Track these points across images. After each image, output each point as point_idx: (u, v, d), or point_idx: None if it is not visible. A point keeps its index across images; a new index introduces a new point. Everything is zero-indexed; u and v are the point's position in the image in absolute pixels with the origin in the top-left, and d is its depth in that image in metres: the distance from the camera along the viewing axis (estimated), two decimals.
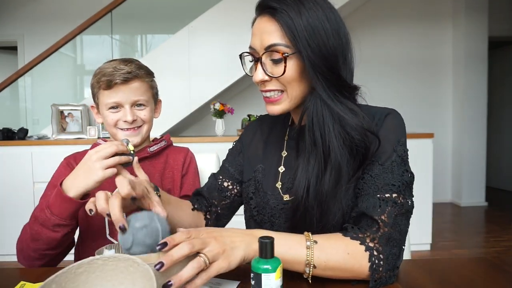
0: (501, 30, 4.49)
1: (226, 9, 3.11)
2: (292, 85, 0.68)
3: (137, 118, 0.93)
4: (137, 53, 4.55)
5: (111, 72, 0.89)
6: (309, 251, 0.61)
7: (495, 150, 5.21)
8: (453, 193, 4.45)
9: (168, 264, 0.51)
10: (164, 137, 1.05)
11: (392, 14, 4.36)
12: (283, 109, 0.71)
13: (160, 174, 0.98)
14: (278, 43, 0.65)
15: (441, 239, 3.05)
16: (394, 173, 0.67)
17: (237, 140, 0.93)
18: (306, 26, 0.63)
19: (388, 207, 0.65)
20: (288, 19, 0.63)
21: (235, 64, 3.10)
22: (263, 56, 0.68)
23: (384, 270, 0.62)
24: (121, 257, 0.52)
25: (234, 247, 0.57)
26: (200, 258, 0.54)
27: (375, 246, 0.63)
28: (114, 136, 0.95)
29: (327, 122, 0.67)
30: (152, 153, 0.98)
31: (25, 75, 3.15)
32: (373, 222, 0.65)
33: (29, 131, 2.88)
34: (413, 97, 4.39)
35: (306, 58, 0.64)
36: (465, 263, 0.76)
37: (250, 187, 0.83)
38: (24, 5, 4.30)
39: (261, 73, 0.69)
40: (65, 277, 0.51)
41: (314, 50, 0.64)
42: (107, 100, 0.91)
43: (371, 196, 0.66)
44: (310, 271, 0.61)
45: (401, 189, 0.66)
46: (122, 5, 3.12)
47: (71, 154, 0.98)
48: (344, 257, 0.62)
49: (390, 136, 0.69)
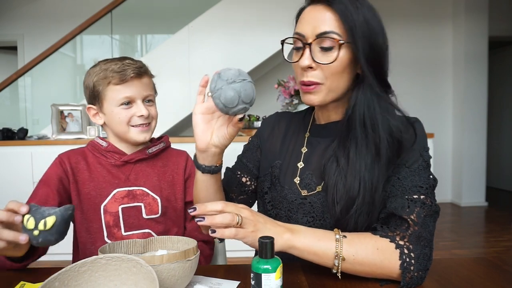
0: (501, 30, 4.49)
1: (226, 9, 3.11)
2: (335, 76, 0.69)
3: (149, 113, 0.91)
4: (137, 53, 4.55)
5: (122, 67, 0.87)
6: (338, 244, 0.62)
7: (495, 150, 5.21)
8: (453, 193, 4.45)
9: (200, 209, 0.58)
10: (163, 138, 1.02)
11: (392, 14, 4.36)
12: (319, 100, 0.71)
13: (158, 176, 0.96)
14: (332, 31, 0.66)
15: (441, 239, 3.06)
16: (421, 176, 0.68)
17: (254, 135, 0.92)
18: (362, 19, 0.66)
19: (417, 208, 0.65)
20: (345, 10, 0.65)
21: (235, 64, 3.10)
22: (313, 43, 0.68)
23: (416, 270, 0.62)
24: (124, 258, 0.53)
25: (265, 228, 0.61)
26: (235, 215, 0.58)
27: (405, 244, 0.63)
28: (124, 135, 0.91)
29: (378, 113, 0.69)
30: (150, 154, 0.96)
31: (25, 75, 3.15)
32: (403, 221, 0.65)
33: (29, 131, 2.88)
34: (413, 97, 4.39)
35: (361, 48, 0.66)
36: (465, 263, 0.76)
37: (265, 182, 0.83)
38: (24, 5, 4.30)
39: (307, 59, 0.68)
40: (68, 275, 0.51)
41: (369, 42, 0.66)
42: (119, 96, 0.88)
43: (399, 197, 0.67)
44: (339, 264, 0.62)
45: (428, 192, 0.67)
46: (122, 5, 3.12)
47: (65, 152, 0.94)
48: (373, 252, 0.62)
49: (417, 142, 0.71)
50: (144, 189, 0.92)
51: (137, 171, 0.94)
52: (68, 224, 0.63)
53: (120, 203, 0.90)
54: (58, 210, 0.62)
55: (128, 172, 0.93)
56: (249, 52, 3.07)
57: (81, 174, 0.91)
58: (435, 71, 4.46)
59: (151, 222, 0.92)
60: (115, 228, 0.89)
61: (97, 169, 0.92)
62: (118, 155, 0.92)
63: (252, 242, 0.60)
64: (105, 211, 0.89)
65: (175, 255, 0.58)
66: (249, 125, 3.15)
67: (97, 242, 0.89)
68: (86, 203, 0.89)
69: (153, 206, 0.92)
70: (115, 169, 0.92)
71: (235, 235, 0.58)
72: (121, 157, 0.92)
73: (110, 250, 0.64)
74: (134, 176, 0.93)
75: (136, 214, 0.91)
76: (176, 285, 0.59)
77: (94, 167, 0.92)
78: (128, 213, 0.90)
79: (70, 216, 0.63)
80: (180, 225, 0.96)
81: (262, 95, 4.13)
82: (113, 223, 0.89)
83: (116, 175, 0.92)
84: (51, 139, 2.77)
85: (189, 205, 0.97)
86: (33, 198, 0.85)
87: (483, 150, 4.29)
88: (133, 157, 0.93)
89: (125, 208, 0.90)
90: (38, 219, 0.60)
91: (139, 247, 0.70)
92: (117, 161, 0.92)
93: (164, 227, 0.93)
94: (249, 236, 0.59)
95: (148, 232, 0.91)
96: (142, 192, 0.92)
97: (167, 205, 0.94)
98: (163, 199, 0.93)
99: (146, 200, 0.92)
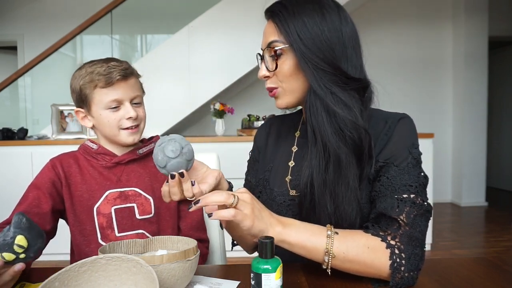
0: (501, 30, 4.49)
1: (226, 9, 3.12)
2: (288, 79, 0.72)
3: (137, 115, 0.91)
4: (137, 53, 4.56)
5: (107, 70, 0.86)
6: (329, 240, 0.62)
7: (495, 150, 5.21)
8: (453, 193, 4.45)
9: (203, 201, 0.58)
10: (154, 138, 1.02)
11: (392, 14, 4.36)
12: (285, 102, 0.75)
13: (150, 176, 0.95)
14: (274, 40, 0.71)
15: (441, 239, 3.06)
16: (411, 174, 0.68)
17: (252, 149, 0.94)
18: (298, 21, 0.68)
19: (406, 207, 0.65)
20: (281, 17, 0.70)
21: (235, 64, 3.10)
22: (265, 54, 0.73)
23: (407, 270, 0.62)
24: (124, 258, 0.53)
25: (260, 216, 0.61)
26: (231, 195, 0.58)
27: (397, 244, 0.63)
28: (114, 138, 0.91)
29: (320, 114, 0.69)
30: (141, 155, 0.95)
31: (25, 75, 3.15)
32: (393, 221, 0.65)
33: (29, 131, 2.88)
34: (413, 97, 4.39)
35: (297, 50, 0.68)
36: (465, 263, 0.76)
37: (259, 186, 0.85)
38: (24, 5, 4.30)
39: (262, 70, 0.74)
40: (68, 275, 0.51)
41: (306, 42, 0.67)
42: (106, 99, 0.87)
43: (388, 197, 0.67)
44: (329, 261, 0.62)
45: (418, 190, 0.67)
46: (122, 5, 3.12)
47: (57, 156, 0.94)
48: (364, 250, 0.62)
49: (404, 139, 0.70)
50: (136, 189, 0.92)
51: (129, 172, 0.93)
52: (31, 222, 0.62)
53: (113, 204, 0.90)
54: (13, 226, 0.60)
55: (119, 173, 0.93)
56: (249, 52, 3.07)
57: (73, 177, 0.91)
58: (435, 71, 4.45)
59: (144, 222, 0.91)
60: (109, 230, 0.89)
61: (89, 172, 0.92)
62: (109, 157, 0.92)
63: (248, 228, 0.59)
64: (98, 212, 0.89)
65: (175, 255, 0.58)
66: (249, 125, 3.15)
67: (91, 244, 0.89)
68: (78, 206, 0.89)
69: (146, 207, 0.92)
70: (106, 171, 0.92)
71: (233, 216, 0.57)
72: (112, 159, 0.92)
73: (110, 250, 0.64)
74: (126, 177, 0.93)
75: (129, 215, 0.90)
76: (176, 285, 0.59)
77: (86, 170, 0.92)
78: (121, 214, 0.90)
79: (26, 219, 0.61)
80: (174, 225, 0.96)
81: (261, 95, 4.13)
82: (107, 225, 0.89)
83: (108, 177, 0.92)
84: (51, 139, 2.77)
85: (182, 204, 0.97)
86: (24, 201, 0.85)
87: (483, 150, 4.29)
88: (124, 158, 0.93)
89: (118, 209, 0.90)
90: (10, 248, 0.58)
91: (139, 247, 0.70)
92: (108, 163, 0.92)
93: (158, 227, 0.93)
94: (246, 219, 0.58)
95: (142, 232, 0.91)
96: (134, 192, 0.92)
97: (160, 205, 0.94)
98: (155, 199, 0.93)
99: (138, 201, 0.92)
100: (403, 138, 0.71)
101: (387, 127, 0.72)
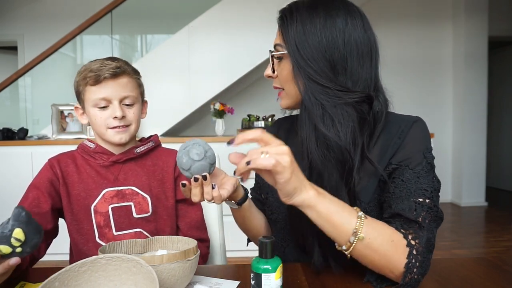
0: (501, 30, 4.49)
1: (226, 9, 3.11)
2: (288, 84, 0.73)
3: (126, 116, 0.90)
4: (137, 53, 4.56)
5: (99, 67, 0.86)
6: (359, 221, 0.61)
7: (495, 150, 5.20)
8: (453, 193, 4.45)
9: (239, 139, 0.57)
10: (152, 137, 1.01)
11: (391, 14, 4.36)
12: (286, 104, 0.77)
13: (147, 174, 0.95)
14: (278, 43, 0.73)
15: (441, 239, 3.06)
16: (426, 178, 0.67)
17: None
18: (298, 28, 0.68)
19: (423, 212, 0.64)
20: (284, 23, 0.71)
21: (235, 64, 3.10)
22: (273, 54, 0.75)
23: (417, 273, 0.61)
24: (124, 258, 0.53)
25: (298, 173, 0.58)
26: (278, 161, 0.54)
27: (416, 245, 0.62)
28: (102, 136, 0.91)
29: (307, 125, 0.69)
30: (138, 154, 0.95)
31: (25, 75, 3.15)
32: (411, 222, 0.64)
33: (29, 131, 2.88)
34: (413, 97, 4.39)
35: (292, 58, 0.69)
36: (465, 263, 0.76)
37: (266, 187, 0.86)
38: (24, 5, 4.30)
39: (268, 69, 0.77)
40: (68, 275, 0.52)
41: (302, 52, 0.68)
42: (94, 96, 0.87)
43: (405, 199, 0.66)
44: (354, 242, 0.60)
45: (432, 195, 0.66)
46: (122, 5, 3.12)
47: (55, 156, 0.94)
48: (388, 243, 0.61)
49: (419, 142, 0.70)
50: (133, 188, 0.92)
51: (126, 170, 0.93)
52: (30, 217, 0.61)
53: (110, 203, 0.90)
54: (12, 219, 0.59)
55: (117, 172, 0.93)
56: (249, 52, 3.07)
57: (70, 176, 0.91)
58: (435, 71, 4.45)
59: (142, 221, 0.91)
60: (106, 228, 0.89)
61: (86, 171, 0.92)
62: (106, 156, 0.92)
63: (286, 180, 0.56)
64: (95, 211, 0.89)
65: (175, 255, 0.58)
66: (249, 125, 3.15)
67: (89, 243, 0.89)
68: (76, 205, 0.90)
69: (143, 205, 0.92)
70: (103, 170, 0.92)
71: (273, 165, 0.53)
72: (109, 158, 0.92)
73: (110, 250, 0.64)
74: (123, 175, 0.93)
75: (127, 214, 0.90)
76: (176, 285, 0.59)
77: (83, 169, 0.92)
78: (119, 213, 0.90)
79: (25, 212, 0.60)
80: (172, 223, 0.96)
81: (261, 95, 4.13)
82: (104, 223, 0.89)
83: (105, 176, 0.92)
84: (51, 139, 2.77)
85: (180, 204, 0.97)
86: (24, 202, 0.85)
87: (483, 150, 4.29)
88: (121, 157, 0.93)
89: (115, 207, 0.90)
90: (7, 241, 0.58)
91: (139, 247, 0.70)
92: (105, 162, 0.92)
93: (156, 226, 0.93)
94: (286, 171, 0.55)
95: (139, 231, 0.91)
96: (131, 191, 0.92)
97: (157, 203, 0.94)
98: (153, 197, 0.93)
99: (135, 199, 0.92)
100: (418, 141, 0.70)
101: (400, 130, 0.71)
